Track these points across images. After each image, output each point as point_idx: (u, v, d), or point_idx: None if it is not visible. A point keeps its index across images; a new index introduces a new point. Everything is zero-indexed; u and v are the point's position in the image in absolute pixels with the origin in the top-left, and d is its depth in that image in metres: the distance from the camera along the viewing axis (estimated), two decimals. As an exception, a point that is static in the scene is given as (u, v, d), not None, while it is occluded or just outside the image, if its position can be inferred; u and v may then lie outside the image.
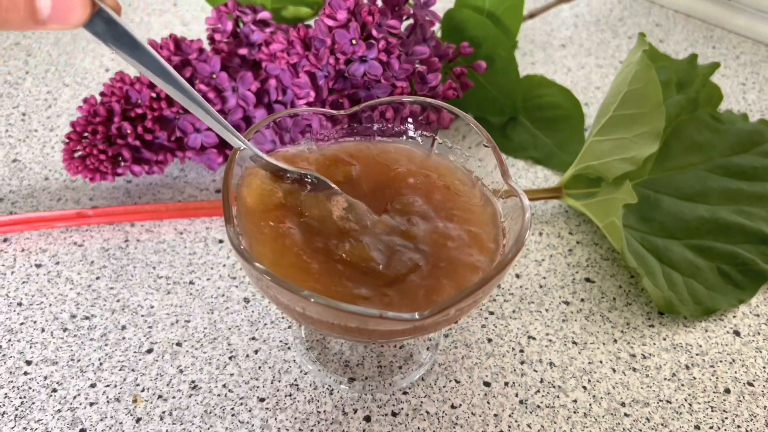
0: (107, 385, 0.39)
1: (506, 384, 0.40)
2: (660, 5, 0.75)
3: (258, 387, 0.39)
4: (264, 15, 0.50)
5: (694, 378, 0.41)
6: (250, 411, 0.38)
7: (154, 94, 0.46)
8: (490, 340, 0.42)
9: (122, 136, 0.46)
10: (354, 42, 0.43)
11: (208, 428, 0.37)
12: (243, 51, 0.49)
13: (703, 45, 0.70)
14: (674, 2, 0.75)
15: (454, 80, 0.51)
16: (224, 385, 0.39)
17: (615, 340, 0.43)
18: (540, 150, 0.55)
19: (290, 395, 0.39)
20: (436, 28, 0.57)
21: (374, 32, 0.44)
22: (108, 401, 0.38)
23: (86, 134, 0.46)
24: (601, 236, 0.49)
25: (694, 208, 0.49)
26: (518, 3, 0.58)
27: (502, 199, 0.36)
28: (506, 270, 0.30)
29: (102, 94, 0.47)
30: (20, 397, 0.38)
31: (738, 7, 0.72)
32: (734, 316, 0.45)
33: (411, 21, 0.49)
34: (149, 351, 0.40)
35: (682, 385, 0.41)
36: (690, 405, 0.40)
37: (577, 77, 0.64)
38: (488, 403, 0.39)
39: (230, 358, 0.40)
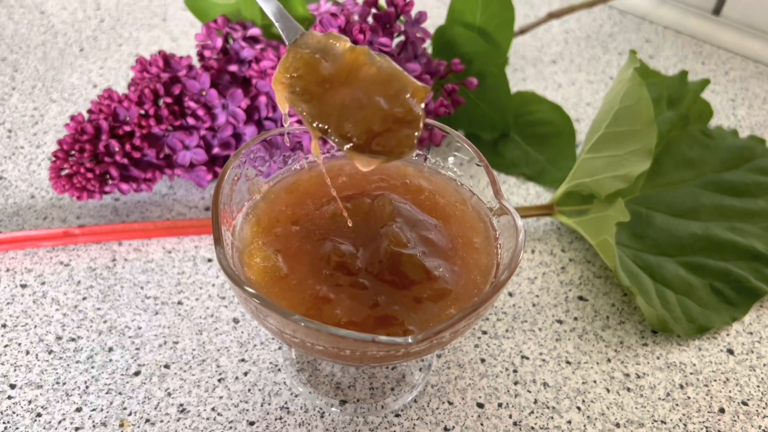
0: (93, 409, 0.38)
1: (500, 405, 0.39)
2: (650, 21, 0.76)
3: (248, 410, 0.38)
4: (254, 31, 0.50)
5: (689, 397, 0.41)
6: (239, 435, 0.37)
7: (142, 111, 0.46)
8: (483, 360, 0.42)
9: (110, 154, 0.46)
10: (345, 59, 0.43)
11: (197, 453, 0.36)
12: (233, 68, 0.49)
13: (692, 61, 0.70)
14: (664, 18, 0.75)
15: (446, 97, 0.51)
16: (213, 409, 0.38)
17: (609, 360, 0.42)
18: (532, 166, 0.55)
19: (280, 418, 0.38)
20: (427, 44, 0.57)
21: (365, 50, 0.43)
22: (94, 426, 0.37)
23: (73, 152, 0.45)
24: (593, 254, 0.49)
25: (687, 224, 0.49)
26: (509, 19, 0.58)
27: (496, 216, 0.36)
28: (500, 291, 0.30)
29: (90, 111, 0.46)
30: (3, 423, 0.37)
31: (726, 23, 0.73)
32: (728, 334, 0.44)
33: (402, 38, 0.49)
34: (137, 373, 0.40)
35: (677, 404, 0.40)
36: (685, 425, 0.39)
37: (568, 93, 0.64)
38: (482, 425, 0.38)
39: (219, 380, 0.40)
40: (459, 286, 0.33)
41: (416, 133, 0.31)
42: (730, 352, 0.43)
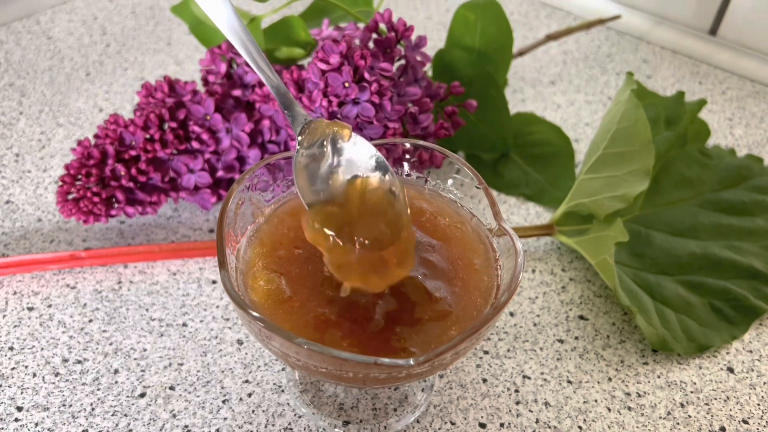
0: (99, 431, 0.38)
1: (502, 425, 0.40)
2: (647, 42, 0.77)
3: (252, 431, 0.39)
4: (257, 57, 0.51)
5: (690, 416, 0.41)
6: (243, 456, 0.38)
7: (148, 136, 0.47)
8: (485, 380, 0.42)
9: (116, 178, 0.46)
10: (347, 85, 0.44)
11: (202, 475, 0.37)
12: (237, 92, 0.50)
13: (689, 80, 0.71)
14: (661, 39, 0.76)
15: (446, 119, 0.52)
16: (218, 430, 0.39)
17: (609, 379, 0.43)
18: (531, 186, 0.56)
19: (284, 439, 0.38)
20: (428, 68, 0.58)
21: (367, 75, 0.44)
22: (100, 448, 0.38)
23: (80, 177, 0.46)
24: (593, 273, 0.49)
25: (686, 243, 0.50)
26: (508, 41, 0.59)
27: (496, 237, 0.36)
28: (501, 312, 0.31)
29: (96, 136, 0.47)
30: (10, 445, 0.37)
31: (722, 43, 0.74)
32: (728, 353, 0.45)
33: (403, 62, 0.50)
34: (142, 395, 0.40)
35: (678, 423, 0.40)
36: (686, 444, 0.39)
37: (567, 114, 0.65)
38: (484, 444, 0.39)
39: (224, 401, 0.40)
40: (460, 307, 0.34)
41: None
42: (731, 370, 0.44)
